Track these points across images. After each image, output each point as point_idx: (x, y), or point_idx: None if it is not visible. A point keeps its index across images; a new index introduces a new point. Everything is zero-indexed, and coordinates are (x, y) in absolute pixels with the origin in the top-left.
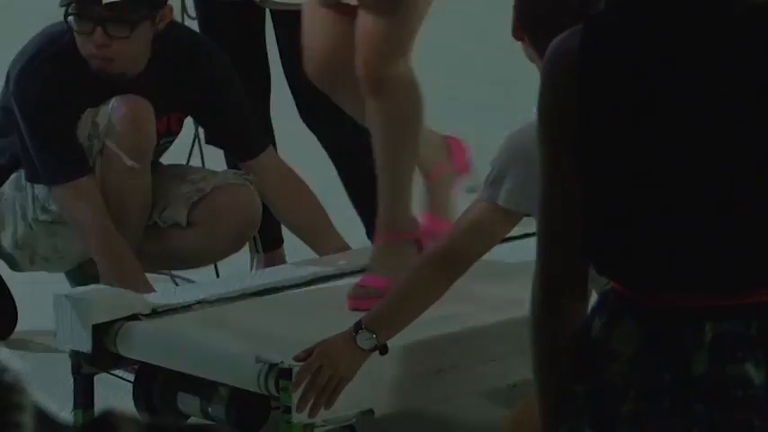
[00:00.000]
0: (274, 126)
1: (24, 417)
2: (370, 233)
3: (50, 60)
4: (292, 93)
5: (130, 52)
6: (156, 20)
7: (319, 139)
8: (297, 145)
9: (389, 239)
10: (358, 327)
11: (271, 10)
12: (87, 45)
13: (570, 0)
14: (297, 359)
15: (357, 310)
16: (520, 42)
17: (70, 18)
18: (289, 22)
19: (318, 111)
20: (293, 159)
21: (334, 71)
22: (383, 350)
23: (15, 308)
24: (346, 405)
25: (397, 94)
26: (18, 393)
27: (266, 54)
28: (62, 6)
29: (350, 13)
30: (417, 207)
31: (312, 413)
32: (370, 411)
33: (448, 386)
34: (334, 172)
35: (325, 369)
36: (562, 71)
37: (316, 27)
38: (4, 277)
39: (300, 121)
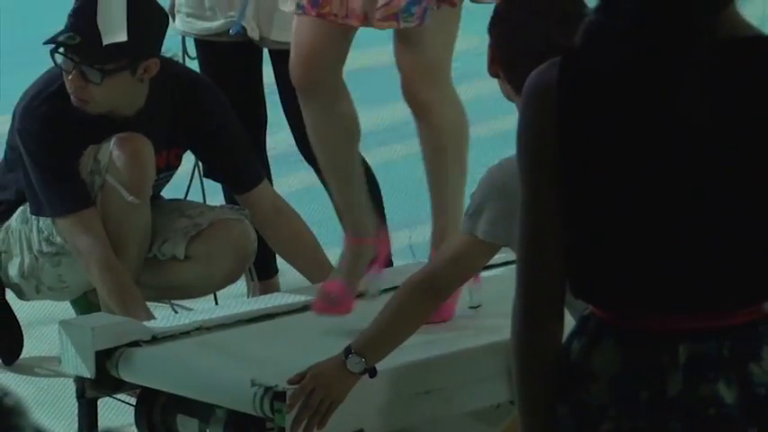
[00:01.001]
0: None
1: None
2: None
3: (53, 98)
4: (291, 128)
5: (105, 97)
6: (139, 70)
7: (316, 171)
8: (294, 178)
9: (352, 243)
10: (348, 351)
11: (269, 48)
12: (68, 83)
13: (546, 36)
14: (290, 382)
15: (319, 313)
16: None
17: (56, 55)
18: (287, 59)
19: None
20: (290, 192)
21: (317, 73)
22: (372, 373)
23: (22, 334)
24: (338, 426)
25: (443, 116)
26: (18, 416)
27: (263, 91)
28: (45, 44)
29: (333, 19)
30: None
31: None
32: (361, 431)
33: (435, 407)
34: (329, 203)
35: (317, 392)
36: (541, 104)
37: (303, 32)
38: (11, 305)
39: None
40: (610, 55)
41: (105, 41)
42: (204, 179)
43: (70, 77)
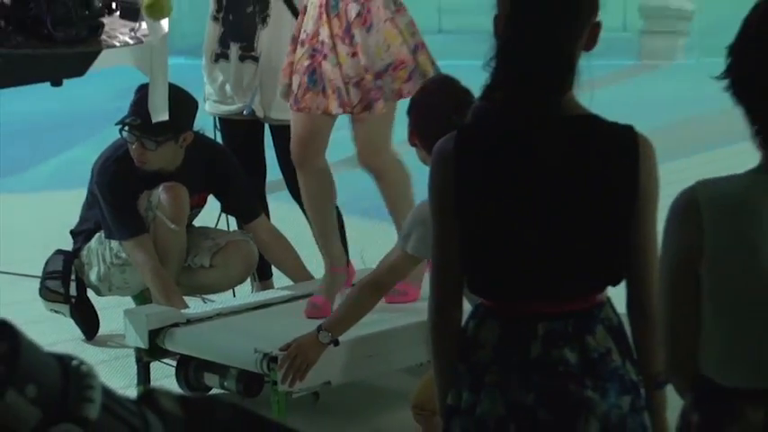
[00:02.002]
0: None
1: (95, 393)
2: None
3: (120, 160)
4: (284, 178)
5: (157, 159)
6: (180, 140)
7: (300, 206)
8: (286, 212)
9: (332, 270)
10: (319, 328)
11: (270, 124)
12: (132, 150)
13: (448, 117)
14: (281, 350)
15: (311, 318)
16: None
17: (123, 132)
18: (283, 133)
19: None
20: (283, 221)
21: (308, 153)
22: (336, 343)
23: (98, 319)
24: (312, 379)
25: (390, 173)
26: (91, 378)
27: (264, 153)
28: (116, 125)
29: (310, 112)
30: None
31: (291, 385)
32: (328, 382)
33: (378, 365)
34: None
35: (298, 356)
36: (443, 165)
37: (296, 123)
38: (91, 300)
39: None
40: (490, 129)
41: (154, 121)
42: (224, 213)
43: (134, 147)
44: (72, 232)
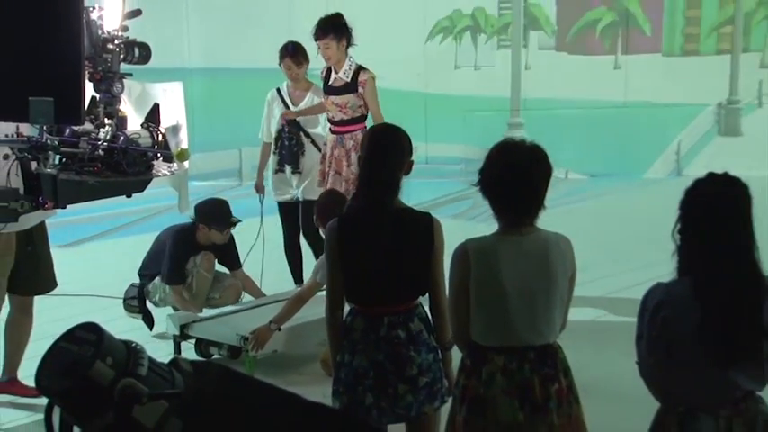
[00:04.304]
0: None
1: (145, 361)
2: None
3: (183, 239)
4: (305, 237)
5: (206, 239)
6: (224, 232)
7: (310, 245)
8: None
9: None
10: (270, 322)
11: (301, 202)
12: (200, 231)
13: (335, 210)
14: (250, 333)
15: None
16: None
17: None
18: (309, 206)
19: (311, 236)
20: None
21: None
22: (279, 329)
23: (153, 319)
24: (267, 348)
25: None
26: (142, 352)
27: (299, 219)
28: (190, 218)
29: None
30: None
31: (255, 352)
32: (276, 351)
33: (302, 340)
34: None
35: (259, 337)
36: (332, 235)
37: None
38: (150, 310)
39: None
40: (355, 217)
41: (181, 213)
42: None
43: (204, 231)
44: (140, 273)
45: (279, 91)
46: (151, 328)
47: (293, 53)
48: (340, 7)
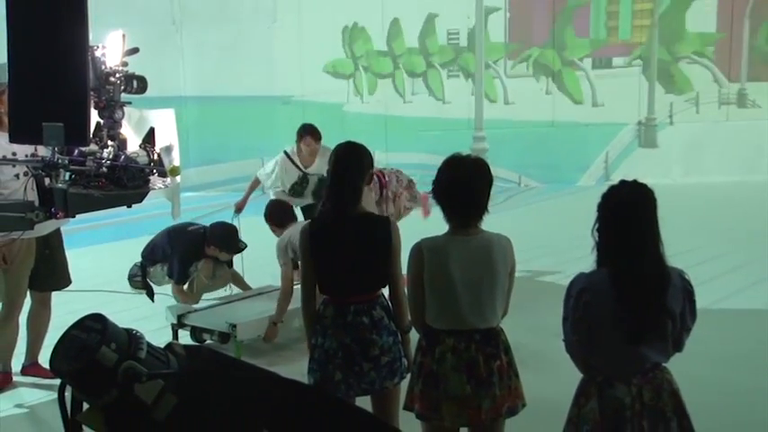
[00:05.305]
0: None
1: (144, 346)
2: None
3: (193, 250)
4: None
5: (214, 252)
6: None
7: None
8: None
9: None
10: (271, 321)
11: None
12: (210, 252)
13: (285, 214)
14: (237, 322)
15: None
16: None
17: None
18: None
19: None
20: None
21: None
22: (282, 322)
23: (154, 293)
24: (254, 334)
25: None
26: (142, 338)
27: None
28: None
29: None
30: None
31: (267, 341)
32: (260, 336)
33: (281, 326)
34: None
35: (268, 335)
36: (305, 237)
37: None
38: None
39: None
40: (324, 221)
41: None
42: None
43: (208, 248)
44: (143, 255)
45: (287, 154)
46: (152, 300)
47: (312, 131)
48: (310, 42)
